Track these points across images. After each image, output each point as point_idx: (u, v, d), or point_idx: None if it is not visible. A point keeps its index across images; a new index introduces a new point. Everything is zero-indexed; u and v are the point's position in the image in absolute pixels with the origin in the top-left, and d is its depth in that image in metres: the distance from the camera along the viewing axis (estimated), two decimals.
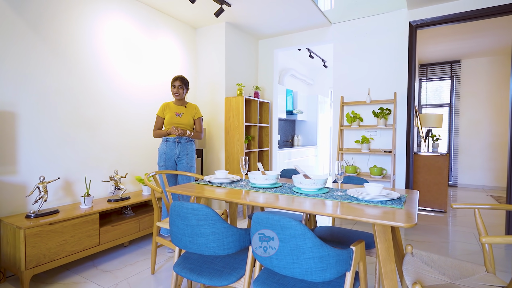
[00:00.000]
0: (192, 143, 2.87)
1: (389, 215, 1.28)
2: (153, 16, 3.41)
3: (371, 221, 1.23)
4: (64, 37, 2.57)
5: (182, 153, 2.78)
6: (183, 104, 2.86)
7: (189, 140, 2.83)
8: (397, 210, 1.35)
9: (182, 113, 2.79)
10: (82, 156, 2.72)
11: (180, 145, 2.78)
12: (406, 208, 1.39)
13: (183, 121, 2.78)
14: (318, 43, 4.08)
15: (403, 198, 1.57)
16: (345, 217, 1.29)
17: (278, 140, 6.28)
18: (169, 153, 2.76)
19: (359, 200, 1.53)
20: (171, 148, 2.76)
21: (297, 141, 6.79)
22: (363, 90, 3.72)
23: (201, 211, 1.37)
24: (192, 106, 2.89)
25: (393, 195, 1.57)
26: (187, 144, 2.81)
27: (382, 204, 1.45)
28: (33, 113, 2.38)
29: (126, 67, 3.11)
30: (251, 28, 4.02)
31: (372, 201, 1.49)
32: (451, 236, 3.15)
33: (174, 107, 2.81)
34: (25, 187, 2.34)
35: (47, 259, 2.10)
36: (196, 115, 2.88)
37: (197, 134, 2.87)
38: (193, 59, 4.00)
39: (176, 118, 2.76)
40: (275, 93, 4.49)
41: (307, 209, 1.41)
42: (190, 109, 2.85)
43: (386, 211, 1.34)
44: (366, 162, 3.75)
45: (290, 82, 6.58)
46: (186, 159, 2.79)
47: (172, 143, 2.77)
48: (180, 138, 2.77)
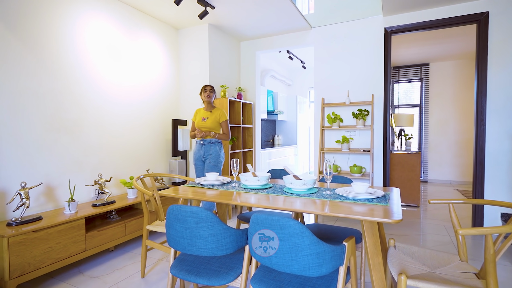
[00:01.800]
0: (217, 144, 3.09)
1: (376, 212, 1.39)
2: (134, 16, 3.35)
3: (361, 218, 1.33)
4: (43, 37, 2.48)
5: (206, 154, 3.06)
6: (210, 109, 3.12)
7: (213, 142, 3.07)
8: (383, 207, 1.47)
9: (207, 118, 3.06)
10: (64, 160, 2.64)
11: (204, 146, 3.06)
12: (390, 205, 1.51)
13: (207, 124, 3.04)
14: (299, 46, 4.20)
15: (387, 196, 1.70)
16: (336, 215, 1.38)
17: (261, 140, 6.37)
18: (197, 153, 3.11)
19: (348, 198, 1.64)
20: (198, 149, 3.10)
21: (278, 140, 6.91)
22: (343, 92, 3.88)
23: (200, 213, 1.41)
24: (217, 111, 3.11)
25: (378, 193, 1.69)
26: (210, 146, 3.06)
27: (369, 202, 1.56)
28: (9, 117, 2.28)
29: (108, 67, 3.05)
30: (233, 30, 4.06)
31: (359, 199, 1.60)
32: (424, 229, 3.38)
33: (203, 112, 3.11)
34: (5, 194, 2.25)
35: (32, 267, 2.04)
36: (221, 118, 3.09)
37: (223, 136, 3.09)
38: (175, 60, 3.97)
39: (201, 122, 3.05)
40: (257, 94, 4.56)
41: (300, 208, 1.49)
42: (215, 114, 3.08)
43: (373, 208, 1.45)
44: (346, 161, 3.92)
45: (270, 82, 6.68)
46: (210, 159, 3.04)
47: (199, 145, 3.10)
48: (204, 140, 3.06)
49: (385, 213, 1.36)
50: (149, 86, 3.56)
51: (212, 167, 3.05)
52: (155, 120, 3.64)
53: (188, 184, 2.14)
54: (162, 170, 3.76)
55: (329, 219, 3.69)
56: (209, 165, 3.05)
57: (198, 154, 3.11)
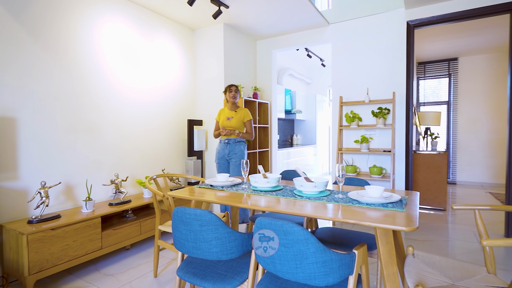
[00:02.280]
0: (241, 143, 3.11)
1: (390, 218, 1.29)
2: (151, 18, 3.40)
3: (373, 225, 1.24)
4: (63, 42, 2.57)
5: (231, 153, 3.07)
6: (235, 109, 3.13)
7: (238, 141, 3.09)
8: (398, 213, 1.37)
9: (232, 117, 3.08)
10: (82, 160, 2.72)
11: (229, 146, 3.07)
12: (407, 211, 1.40)
13: (232, 124, 3.06)
14: (316, 43, 4.09)
15: (404, 200, 1.58)
16: (347, 221, 1.30)
17: (277, 140, 6.30)
18: (221, 152, 3.12)
19: (361, 203, 1.54)
20: (223, 148, 3.11)
21: (296, 140, 6.80)
22: (362, 90, 3.73)
23: (204, 216, 1.38)
24: (242, 110, 3.12)
25: (394, 197, 1.58)
26: (235, 145, 3.07)
27: (383, 207, 1.46)
28: (32, 118, 2.38)
29: (125, 70, 3.11)
30: (249, 29, 4.03)
31: (373, 204, 1.50)
32: (451, 235, 3.17)
33: (227, 112, 3.13)
34: (26, 193, 2.35)
35: (50, 264, 2.11)
36: (245, 118, 3.10)
37: (247, 135, 3.11)
38: (191, 61, 4.00)
39: (226, 122, 3.07)
40: (273, 93, 4.49)
41: (309, 213, 1.42)
42: (240, 113, 3.10)
43: (387, 214, 1.36)
44: (365, 161, 3.77)
45: (288, 81, 6.59)
46: (235, 158, 3.06)
47: (223, 144, 3.11)
48: (229, 139, 3.08)
49: (399, 220, 1.26)
50: (166, 87, 3.60)
51: (238, 166, 3.07)
52: (171, 121, 3.68)
53: (199, 185, 2.13)
54: (179, 170, 3.80)
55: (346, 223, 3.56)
56: (235, 164, 3.08)
57: (222, 153, 3.11)
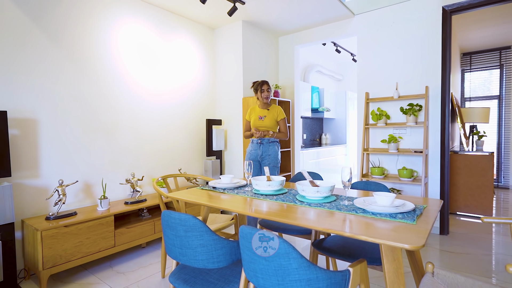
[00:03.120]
0: (275, 144, 2.94)
1: (395, 232, 1.10)
2: (170, 19, 3.43)
3: (369, 239, 1.06)
4: (81, 46, 2.67)
5: (264, 154, 2.90)
6: (267, 107, 2.95)
7: (271, 141, 2.91)
8: (407, 226, 1.17)
9: (264, 116, 2.90)
10: (100, 160, 2.81)
11: (263, 146, 2.89)
12: (418, 224, 1.20)
13: (265, 123, 2.89)
14: (341, 36, 3.84)
15: (418, 210, 1.37)
16: (343, 233, 1.14)
17: (303, 140, 6.09)
18: (253, 153, 2.93)
19: (366, 212, 1.36)
20: (255, 148, 2.92)
21: (325, 140, 6.52)
22: (390, 85, 3.42)
23: (188, 221, 1.30)
24: (275, 108, 2.95)
25: (406, 206, 1.37)
26: (269, 145, 2.90)
27: (391, 217, 1.26)
28: (52, 119, 2.50)
29: (142, 72, 3.16)
30: (269, 25, 3.90)
31: (380, 214, 1.31)
32: (495, 248, 2.77)
33: (259, 111, 2.95)
34: (46, 190, 2.47)
35: (63, 259, 2.19)
36: (279, 116, 2.93)
37: (281, 135, 2.95)
38: (211, 60, 3.97)
39: (258, 121, 2.90)
40: (296, 91, 4.32)
41: (303, 222, 1.27)
42: (273, 112, 2.92)
43: (393, 226, 1.17)
44: (394, 163, 3.45)
45: (316, 78, 6.33)
46: (268, 159, 2.88)
47: (256, 144, 2.92)
48: (262, 139, 2.89)
49: (405, 235, 1.07)
50: (185, 87, 3.62)
51: (272, 169, 2.89)
52: (190, 121, 3.69)
53: (202, 186, 2.07)
54: (197, 170, 3.80)
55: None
56: (269, 166, 2.88)
57: (254, 154, 2.93)
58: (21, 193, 2.33)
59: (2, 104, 2.23)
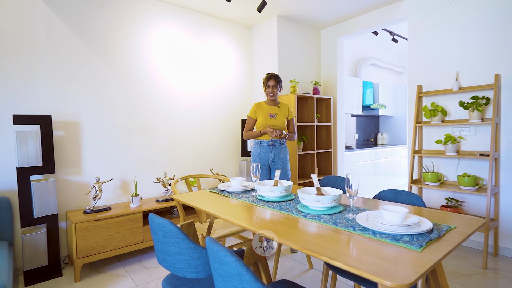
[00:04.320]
0: (285, 146, 2.67)
1: (386, 261, 0.86)
2: (205, 21, 3.48)
3: (344, 267, 0.85)
4: (117, 53, 2.87)
5: (276, 157, 2.59)
6: (276, 104, 2.64)
7: (282, 143, 2.63)
8: (409, 253, 0.91)
9: (276, 114, 2.58)
10: (135, 159, 3.00)
11: (275, 149, 2.59)
12: (426, 252, 0.92)
13: (277, 122, 2.57)
14: (389, 23, 3.39)
15: (436, 232, 1.06)
16: (320, 257, 0.94)
17: (356, 140, 5.61)
18: (263, 157, 2.59)
19: (367, 230, 1.12)
20: (266, 151, 2.59)
21: (381, 140, 5.92)
22: (448, 75, 2.87)
23: (166, 227, 1.25)
24: (285, 106, 2.66)
25: (423, 226, 1.09)
26: (281, 147, 2.62)
27: (393, 240, 1.01)
28: (93, 122, 2.74)
29: (175, 75, 3.27)
30: (308, 18, 3.66)
31: (381, 234, 1.06)
32: None
33: (267, 108, 2.61)
34: (87, 186, 2.72)
35: (95, 251, 2.37)
36: (289, 115, 2.65)
37: (291, 136, 2.65)
38: (248, 59, 3.92)
39: (270, 120, 2.56)
40: (340, 87, 3.97)
41: (282, 238, 1.10)
42: (284, 109, 2.63)
43: (391, 252, 0.92)
44: (454, 168, 2.89)
45: (370, 72, 5.77)
46: (281, 163, 2.60)
47: (267, 147, 2.58)
48: (275, 141, 2.58)
49: (397, 266, 0.83)
50: (221, 89, 3.64)
51: (284, 173, 2.62)
52: (225, 121, 3.69)
53: (211, 189, 2.01)
54: (232, 170, 3.78)
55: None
56: (282, 171, 2.61)
57: (265, 157, 2.59)
58: (66, 188, 2.62)
59: (50, 109, 2.52)
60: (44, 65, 2.49)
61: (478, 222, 1.20)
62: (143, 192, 3.06)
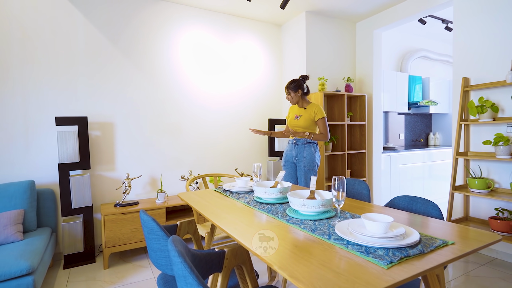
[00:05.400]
0: (312, 145, 2.70)
1: (335, 276, 0.76)
2: (232, 22, 3.52)
3: (288, 278, 0.77)
4: (147, 58, 3.07)
5: (299, 155, 2.71)
6: (304, 105, 2.76)
7: (307, 142, 2.69)
8: (370, 270, 0.79)
9: (300, 115, 2.73)
10: (164, 157, 3.17)
11: (297, 147, 2.72)
12: (394, 270, 0.79)
13: (300, 123, 2.71)
14: (431, 9, 3.02)
15: (421, 248, 0.90)
16: (273, 266, 0.87)
17: (403, 141, 5.13)
18: (288, 154, 2.80)
19: (342, 240, 1.00)
20: (290, 149, 2.79)
21: (434, 140, 5.32)
22: (501, 64, 2.45)
23: (149, 223, 1.29)
24: (312, 107, 2.71)
25: (408, 239, 0.94)
26: (304, 146, 2.69)
27: (364, 254, 0.89)
28: (125, 122, 2.97)
29: (202, 78, 3.36)
30: (340, 11, 3.46)
31: (354, 245, 0.94)
32: None
33: (296, 110, 2.79)
34: (120, 181, 2.96)
35: (121, 242, 2.57)
36: (316, 116, 2.68)
37: (320, 136, 2.66)
38: (277, 58, 3.86)
39: (294, 121, 2.75)
40: (376, 83, 3.68)
41: (242, 239, 1.05)
42: (310, 111, 2.70)
43: (352, 266, 0.81)
44: (507, 173, 2.46)
45: (420, 66, 5.23)
46: (304, 162, 2.68)
47: (291, 145, 2.78)
48: (297, 140, 2.72)
49: (342, 284, 0.73)
50: (249, 88, 3.65)
51: (307, 171, 2.66)
52: (253, 121, 3.69)
53: (216, 188, 2.02)
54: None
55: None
56: (304, 169, 2.67)
57: (289, 155, 2.78)
58: (102, 182, 2.88)
59: (87, 111, 2.80)
60: (82, 70, 2.78)
61: (488, 238, 0.99)
62: (170, 189, 3.22)
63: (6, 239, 2.10)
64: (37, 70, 2.61)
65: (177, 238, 1.02)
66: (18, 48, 2.54)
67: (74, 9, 2.74)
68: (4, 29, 2.50)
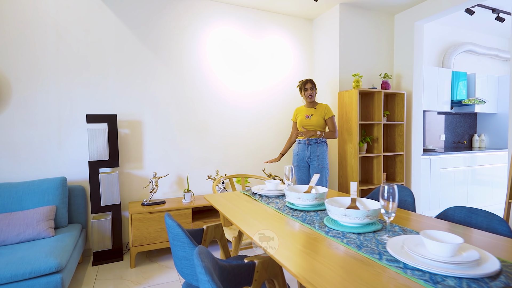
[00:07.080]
0: (324, 144, 2.80)
1: None
2: (262, 18, 3.39)
3: None
4: (175, 57, 3.02)
5: (312, 154, 2.78)
6: (313, 105, 2.85)
7: (320, 141, 2.78)
8: None
9: (311, 115, 2.81)
10: (190, 156, 3.11)
11: (311, 147, 2.78)
12: None
13: (312, 122, 2.79)
14: None
15: (505, 280, 0.72)
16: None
17: (444, 142, 4.74)
18: (300, 154, 2.83)
19: (397, 261, 0.84)
20: (303, 149, 2.82)
21: (479, 142, 4.87)
22: None
23: (174, 229, 1.20)
24: (322, 106, 2.83)
25: (485, 266, 0.76)
26: (317, 145, 2.77)
27: (430, 283, 0.72)
28: (153, 120, 2.95)
29: (229, 76, 3.27)
30: (377, 2, 3.22)
31: (416, 270, 0.78)
32: None
33: (305, 110, 2.87)
34: (148, 180, 2.95)
35: (148, 241, 2.54)
36: (326, 114, 2.80)
37: (329, 134, 2.78)
38: (308, 54, 3.68)
39: (305, 121, 2.82)
40: (417, 80, 3.39)
41: (279, 256, 0.92)
42: (320, 110, 2.81)
43: None
44: None
45: (467, 60, 4.80)
46: (317, 161, 2.76)
47: (303, 145, 2.82)
48: (310, 140, 2.78)
49: None
50: (277, 86, 3.51)
51: (321, 170, 2.75)
52: (281, 120, 3.55)
53: (244, 190, 1.91)
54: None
55: None
56: (318, 168, 2.75)
57: (302, 154, 2.82)
58: (130, 181, 2.88)
59: (117, 109, 2.81)
60: (111, 69, 2.79)
61: None
62: (197, 188, 3.16)
63: (38, 235, 2.13)
64: (69, 70, 2.65)
65: (203, 250, 0.91)
66: (53, 48, 2.59)
67: (106, 9, 2.75)
68: (41, 30, 2.55)
